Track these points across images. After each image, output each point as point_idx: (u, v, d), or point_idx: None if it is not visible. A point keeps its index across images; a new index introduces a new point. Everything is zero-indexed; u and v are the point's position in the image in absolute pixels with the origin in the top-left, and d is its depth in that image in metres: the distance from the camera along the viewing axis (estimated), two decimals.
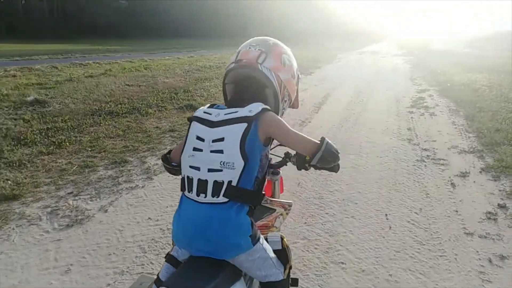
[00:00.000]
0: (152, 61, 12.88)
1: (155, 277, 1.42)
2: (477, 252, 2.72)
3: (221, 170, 1.30)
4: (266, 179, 1.85)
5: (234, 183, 1.30)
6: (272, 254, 1.52)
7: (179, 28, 58.10)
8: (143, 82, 8.54)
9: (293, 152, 1.56)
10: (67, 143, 4.59)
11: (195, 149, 1.35)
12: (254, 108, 1.33)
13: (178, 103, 7.08)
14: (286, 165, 1.74)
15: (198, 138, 1.35)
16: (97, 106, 6.23)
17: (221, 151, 1.30)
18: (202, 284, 1.30)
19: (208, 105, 1.45)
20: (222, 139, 1.31)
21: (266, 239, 1.65)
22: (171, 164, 1.57)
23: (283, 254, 1.57)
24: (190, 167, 1.35)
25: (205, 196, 1.31)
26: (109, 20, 57.64)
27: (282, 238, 1.60)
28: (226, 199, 1.30)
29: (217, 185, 1.30)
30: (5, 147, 4.22)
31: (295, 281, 1.74)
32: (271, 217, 1.75)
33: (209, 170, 1.31)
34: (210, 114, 1.37)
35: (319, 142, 1.34)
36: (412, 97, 8.96)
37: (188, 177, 1.36)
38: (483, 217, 3.21)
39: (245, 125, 1.30)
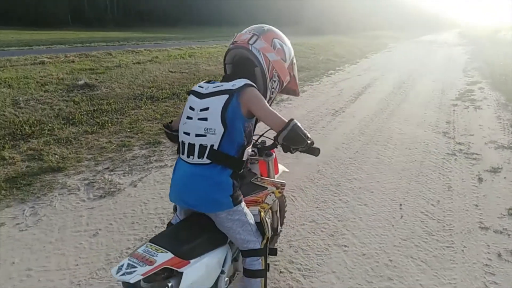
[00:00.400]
0: (200, 49, 13.26)
1: None
2: (488, 246, 2.69)
3: (205, 135, 1.51)
4: (259, 160, 2.02)
5: (215, 147, 1.50)
6: (252, 221, 1.70)
7: (236, 16, 58.68)
8: (186, 69, 8.90)
9: None
10: (110, 124, 5.00)
11: (187, 117, 1.57)
12: (237, 83, 1.51)
13: None
14: (276, 147, 1.88)
15: (190, 108, 1.57)
16: (140, 91, 6.65)
17: (205, 119, 1.51)
18: (185, 241, 1.50)
19: (205, 80, 1.65)
20: (207, 109, 1.51)
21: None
22: (172, 131, 1.79)
23: (260, 227, 1.75)
24: (184, 133, 1.58)
25: (193, 158, 1.53)
26: (165, 8, 59.63)
27: (260, 212, 1.78)
28: (209, 161, 1.52)
29: (202, 148, 1.51)
30: (56, 125, 4.70)
31: (273, 251, 1.91)
32: (261, 194, 1.90)
33: (196, 135, 1.52)
34: (202, 87, 1.59)
35: (286, 121, 1.47)
36: (460, 90, 8.55)
37: (182, 141, 1.59)
38: (505, 213, 3.13)
39: (226, 96, 1.49)
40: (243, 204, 1.64)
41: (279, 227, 2.35)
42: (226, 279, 1.71)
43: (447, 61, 14.60)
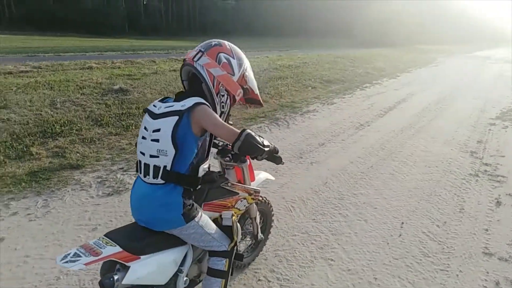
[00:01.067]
0: None
1: None
2: (487, 273, 2.53)
3: (158, 156, 1.56)
4: (235, 166, 2.06)
5: (168, 168, 1.56)
6: (212, 231, 1.74)
7: (284, 26, 59.56)
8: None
9: None
10: (133, 127, 5.25)
11: (142, 137, 1.62)
12: (187, 103, 1.54)
13: None
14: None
15: (145, 128, 1.61)
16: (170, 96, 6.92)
17: (157, 140, 1.56)
18: (138, 238, 1.58)
19: (160, 98, 1.70)
20: (159, 130, 1.55)
21: (220, 216, 1.88)
22: None
23: (229, 230, 1.79)
24: (140, 152, 1.64)
25: (149, 178, 1.60)
26: (216, 19, 61.76)
27: (232, 216, 1.82)
28: (163, 181, 1.58)
29: (156, 169, 1.58)
30: (84, 126, 5.02)
31: (239, 256, 1.93)
32: (231, 199, 1.95)
33: (151, 156, 1.58)
34: (155, 107, 1.61)
35: (239, 132, 1.51)
36: (503, 108, 8.06)
37: (139, 160, 1.65)
38: None
39: (176, 118, 1.52)
40: (198, 218, 1.67)
41: (259, 234, 2.37)
42: (185, 278, 1.76)
43: (497, 79, 13.77)
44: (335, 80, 10.98)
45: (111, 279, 1.44)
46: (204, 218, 1.73)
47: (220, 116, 1.67)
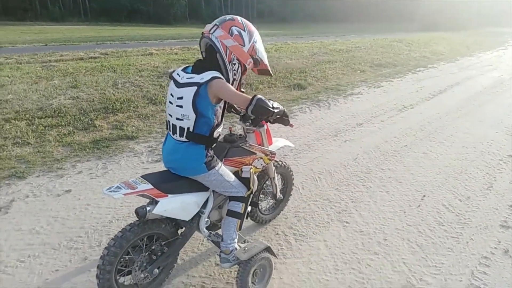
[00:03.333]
0: (290, 45, 13.71)
1: None
2: (499, 242, 2.61)
3: (182, 120, 1.88)
4: (254, 130, 2.36)
5: (191, 129, 1.88)
6: (230, 179, 2.08)
7: (348, 13, 58.38)
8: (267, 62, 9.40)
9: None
10: None
11: (169, 102, 1.95)
12: (205, 76, 1.83)
13: (288, 82, 7.70)
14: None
15: (171, 94, 1.94)
16: None
17: (181, 106, 1.87)
18: (168, 180, 1.96)
19: (182, 67, 2.02)
20: (182, 98, 1.85)
21: (241, 170, 2.21)
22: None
23: (247, 181, 2.13)
24: (169, 114, 1.97)
25: (176, 136, 1.95)
26: (273, 6, 61.80)
27: (250, 169, 2.15)
28: (187, 140, 1.92)
29: (181, 129, 1.91)
30: (140, 104, 5.61)
31: (254, 204, 2.25)
32: (249, 157, 2.26)
33: (177, 119, 1.91)
34: (179, 76, 1.92)
35: (250, 98, 1.80)
36: None
37: (168, 120, 2.00)
38: None
39: (195, 88, 1.82)
40: (218, 167, 2.00)
41: (278, 193, 2.66)
42: (206, 219, 2.13)
43: None
44: (387, 64, 10.76)
45: (144, 208, 1.84)
46: (224, 169, 2.05)
47: (232, 83, 1.95)
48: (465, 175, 3.68)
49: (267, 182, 2.63)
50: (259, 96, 1.82)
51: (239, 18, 2.00)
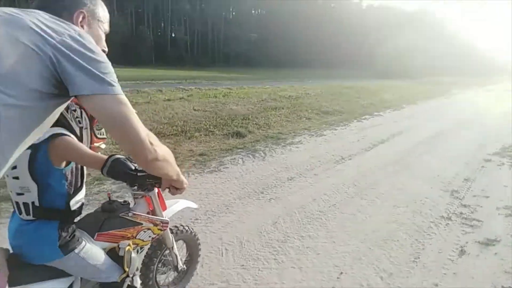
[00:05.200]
0: (242, 89, 13.60)
1: None
2: None
3: (23, 194, 1.41)
4: (144, 195, 1.87)
5: (36, 204, 1.41)
6: (98, 261, 1.60)
7: (306, 58, 61.19)
8: (211, 108, 9.07)
9: None
10: None
11: (6, 175, 1.44)
12: (42, 135, 1.36)
13: (228, 129, 7.31)
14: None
15: None
16: (152, 126, 6.85)
17: (17, 178, 1.40)
18: (21, 267, 1.45)
19: None
20: (15, 167, 1.38)
21: (118, 246, 1.70)
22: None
23: (121, 261, 1.67)
24: (9, 190, 1.48)
25: (23, 215, 1.45)
26: (239, 50, 63.68)
27: (125, 247, 1.69)
28: (35, 218, 1.44)
29: (26, 205, 1.43)
30: None
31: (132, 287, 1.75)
32: (131, 229, 1.77)
33: (17, 194, 1.43)
34: None
35: (105, 158, 1.46)
36: (504, 144, 7.59)
37: (10, 198, 1.50)
38: None
39: (28, 152, 1.35)
40: (79, 248, 1.52)
41: (179, 264, 2.22)
42: None
43: (508, 113, 13.20)
44: (334, 111, 10.75)
45: None
46: (88, 249, 1.56)
47: (81, 133, 1.51)
48: (391, 243, 3.29)
49: (165, 252, 2.15)
50: (117, 156, 1.47)
51: None
